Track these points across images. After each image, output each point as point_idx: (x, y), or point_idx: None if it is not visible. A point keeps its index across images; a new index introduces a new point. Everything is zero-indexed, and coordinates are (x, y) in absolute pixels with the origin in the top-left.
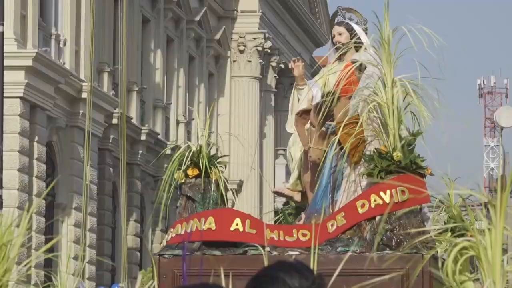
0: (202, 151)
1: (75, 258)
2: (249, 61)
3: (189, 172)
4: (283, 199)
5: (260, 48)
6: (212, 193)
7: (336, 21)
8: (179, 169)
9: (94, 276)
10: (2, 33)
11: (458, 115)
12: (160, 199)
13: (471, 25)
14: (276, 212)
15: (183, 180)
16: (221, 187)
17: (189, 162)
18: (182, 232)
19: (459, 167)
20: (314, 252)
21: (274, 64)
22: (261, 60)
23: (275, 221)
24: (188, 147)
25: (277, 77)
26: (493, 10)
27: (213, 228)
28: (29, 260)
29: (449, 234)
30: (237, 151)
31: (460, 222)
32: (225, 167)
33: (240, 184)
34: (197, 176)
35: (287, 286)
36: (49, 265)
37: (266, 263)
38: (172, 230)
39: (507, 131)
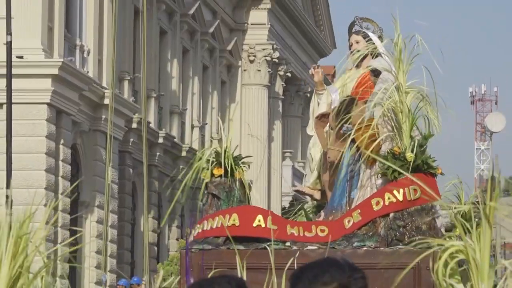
0: (227, 152)
1: (98, 252)
2: (259, 70)
3: (215, 171)
4: (290, 198)
5: (268, 58)
6: (236, 191)
7: (353, 30)
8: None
9: (115, 269)
10: (10, 42)
11: (452, 121)
12: (179, 198)
13: (463, 37)
14: (283, 209)
15: (209, 179)
16: (246, 185)
17: (215, 162)
18: (208, 228)
19: (451, 169)
20: (332, 247)
21: (281, 73)
22: (270, 69)
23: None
24: (214, 151)
25: (284, 85)
26: (483, 23)
27: (237, 224)
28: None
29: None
30: (247, 153)
31: (467, 221)
32: (249, 167)
33: (249, 184)
34: (222, 175)
35: (325, 277)
36: (73, 258)
37: (290, 258)
38: (198, 226)
39: (497, 136)
